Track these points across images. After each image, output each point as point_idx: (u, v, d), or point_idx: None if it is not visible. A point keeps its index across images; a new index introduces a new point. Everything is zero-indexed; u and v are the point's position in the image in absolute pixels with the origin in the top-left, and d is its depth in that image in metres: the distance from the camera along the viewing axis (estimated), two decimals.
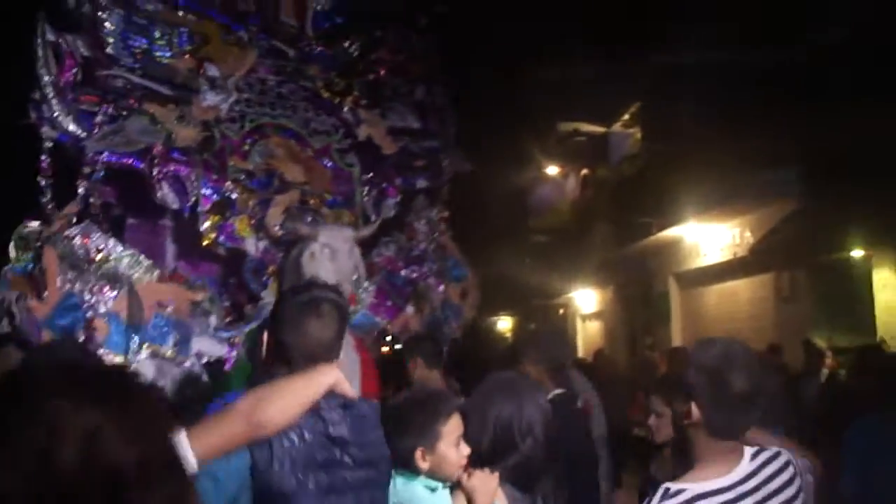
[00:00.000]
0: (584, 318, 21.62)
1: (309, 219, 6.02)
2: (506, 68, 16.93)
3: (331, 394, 2.56)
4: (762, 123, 10.89)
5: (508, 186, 21.17)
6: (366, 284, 6.08)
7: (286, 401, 2.30)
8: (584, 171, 19.97)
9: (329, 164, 6.49)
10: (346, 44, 6.87)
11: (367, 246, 6.01)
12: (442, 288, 6.73)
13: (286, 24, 6.67)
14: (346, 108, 6.55)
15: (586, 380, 6.71)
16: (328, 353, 2.93)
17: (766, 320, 12.51)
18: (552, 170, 21.39)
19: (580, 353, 17.90)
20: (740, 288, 13.47)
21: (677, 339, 14.85)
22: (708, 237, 13.63)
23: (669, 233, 14.02)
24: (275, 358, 3.02)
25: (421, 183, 6.88)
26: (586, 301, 20.99)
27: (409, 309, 6.47)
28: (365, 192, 6.58)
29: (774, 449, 2.87)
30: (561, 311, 23.29)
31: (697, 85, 13.27)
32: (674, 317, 15.54)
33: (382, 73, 6.92)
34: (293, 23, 6.70)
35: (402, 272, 6.59)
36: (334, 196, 6.41)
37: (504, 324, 25.28)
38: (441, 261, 6.75)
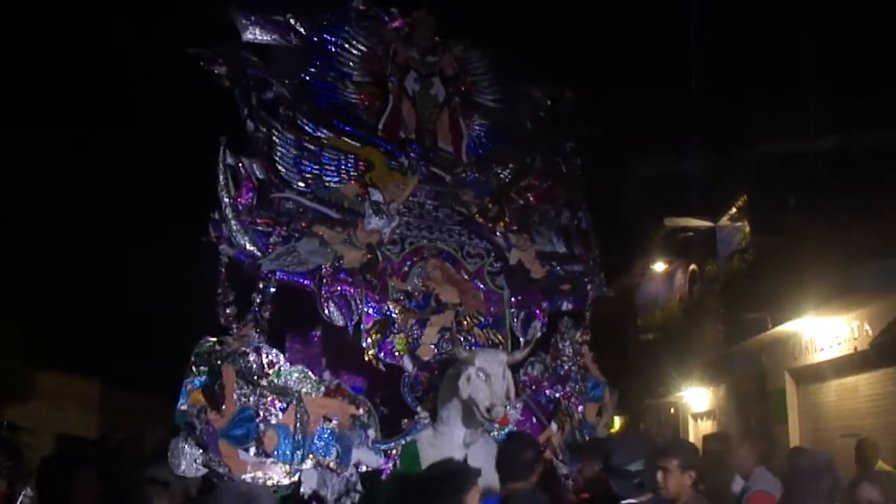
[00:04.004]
0: (696, 416, 21.10)
1: (462, 339, 6.28)
2: (610, 167, 17.14)
3: None
4: (874, 211, 10.78)
5: (616, 285, 21.22)
6: (513, 402, 6.31)
7: None
8: (692, 267, 19.86)
9: (481, 286, 6.83)
10: (499, 170, 7.24)
11: (515, 366, 6.23)
12: (581, 409, 6.89)
13: (443, 150, 7.10)
14: (498, 233, 6.88)
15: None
16: None
17: (889, 416, 12.06)
18: (659, 266, 21.44)
19: None
20: (861, 383, 12.85)
21: (795, 437, 14.44)
22: (825, 331, 13.24)
23: (784, 327, 13.67)
24: None
25: (566, 305, 7.15)
26: (698, 399, 20.46)
27: (553, 426, 6.66)
28: (514, 314, 6.87)
29: None
30: (671, 409, 22.85)
31: (805, 174, 13.25)
32: (791, 414, 15.05)
33: (532, 198, 7.24)
34: (449, 149, 7.14)
35: (547, 392, 6.81)
36: (486, 317, 6.74)
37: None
38: (582, 381, 6.93)
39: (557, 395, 6.80)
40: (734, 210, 17.06)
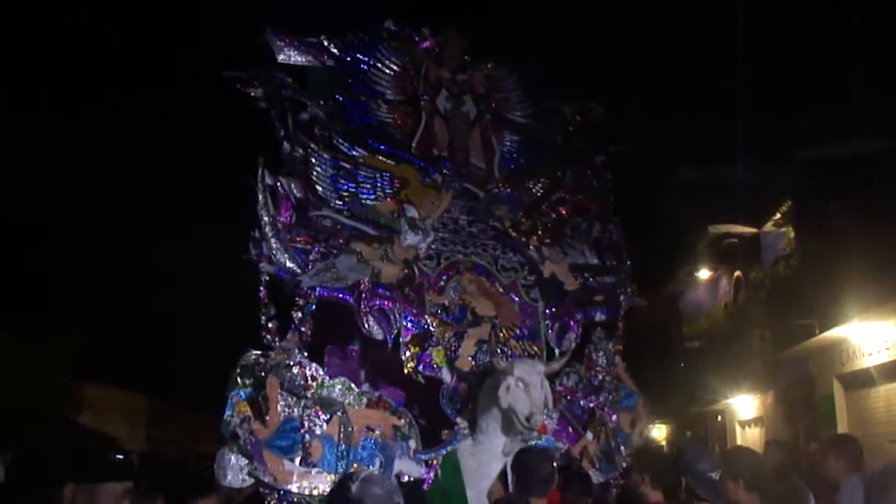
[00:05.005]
0: (743, 424, 20.91)
1: (499, 351, 6.41)
2: (655, 175, 17.14)
3: None
4: None
5: (661, 292, 21.20)
6: (551, 411, 6.43)
7: None
8: (737, 274, 19.79)
9: (516, 299, 6.98)
10: (530, 184, 7.38)
11: (551, 376, 6.34)
12: (615, 418, 7.00)
13: (475, 166, 7.24)
14: (531, 247, 7.03)
15: None
16: None
17: None
18: (704, 273, 21.43)
19: None
20: None
21: None
22: (873, 336, 13.05)
23: (832, 333, 13.52)
24: None
25: (599, 316, 7.27)
26: (745, 406, 20.25)
27: (589, 435, 6.78)
28: (548, 326, 7.00)
29: None
30: (718, 417, 22.71)
31: (849, 178, 13.29)
32: (839, 420, 14.92)
33: (564, 212, 7.37)
34: (482, 166, 7.27)
35: (581, 402, 6.93)
36: (521, 329, 6.88)
37: (656, 432, 24.64)
38: (615, 391, 7.04)
39: (592, 404, 6.92)
40: (778, 216, 16.98)
